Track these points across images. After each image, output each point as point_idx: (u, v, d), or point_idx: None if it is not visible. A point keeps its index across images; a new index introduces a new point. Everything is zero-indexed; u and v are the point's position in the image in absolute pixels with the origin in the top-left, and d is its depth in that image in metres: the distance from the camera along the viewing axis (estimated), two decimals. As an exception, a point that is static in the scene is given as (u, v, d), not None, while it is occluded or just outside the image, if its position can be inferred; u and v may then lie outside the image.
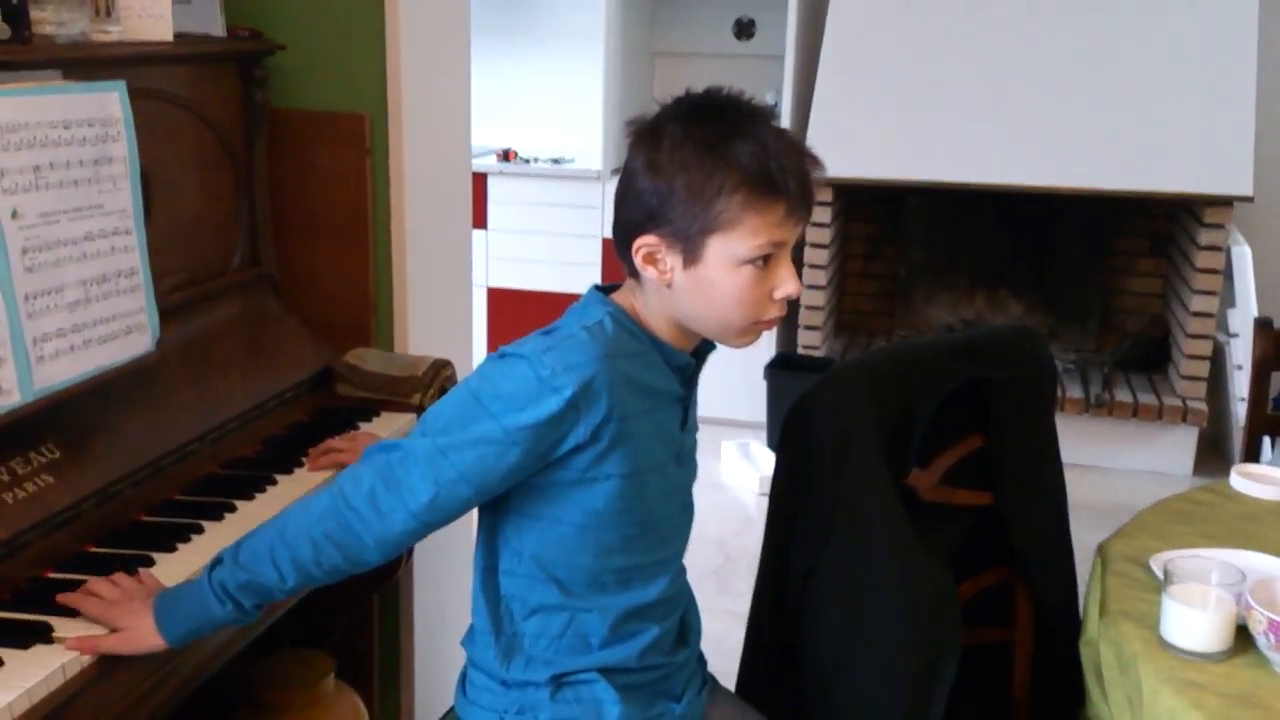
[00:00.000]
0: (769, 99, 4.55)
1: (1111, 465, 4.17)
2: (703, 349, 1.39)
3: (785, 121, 4.36)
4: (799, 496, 1.52)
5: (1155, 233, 4.46)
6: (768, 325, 1.32)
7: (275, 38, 2.01)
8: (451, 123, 2.35)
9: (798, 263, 4.26)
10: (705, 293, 1.27)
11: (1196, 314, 4.01)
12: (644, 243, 1.28)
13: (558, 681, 1.35)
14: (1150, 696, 1.28)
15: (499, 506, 1.34)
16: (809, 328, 4.33)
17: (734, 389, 4.20)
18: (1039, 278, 4.57)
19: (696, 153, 1.24)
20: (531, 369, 1.23)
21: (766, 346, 4.39)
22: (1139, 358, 4.37)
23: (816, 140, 4.12)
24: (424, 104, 2.18)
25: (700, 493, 1.45)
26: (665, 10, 4.88)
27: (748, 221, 1.24)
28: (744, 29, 4.84)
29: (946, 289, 4.65)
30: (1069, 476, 1.76)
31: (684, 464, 1.41)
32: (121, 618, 1.27)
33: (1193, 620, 1.32)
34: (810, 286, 4.29)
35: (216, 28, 1.96)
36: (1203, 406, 4.07)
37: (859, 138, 4.17)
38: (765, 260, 1.26)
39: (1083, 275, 4.50)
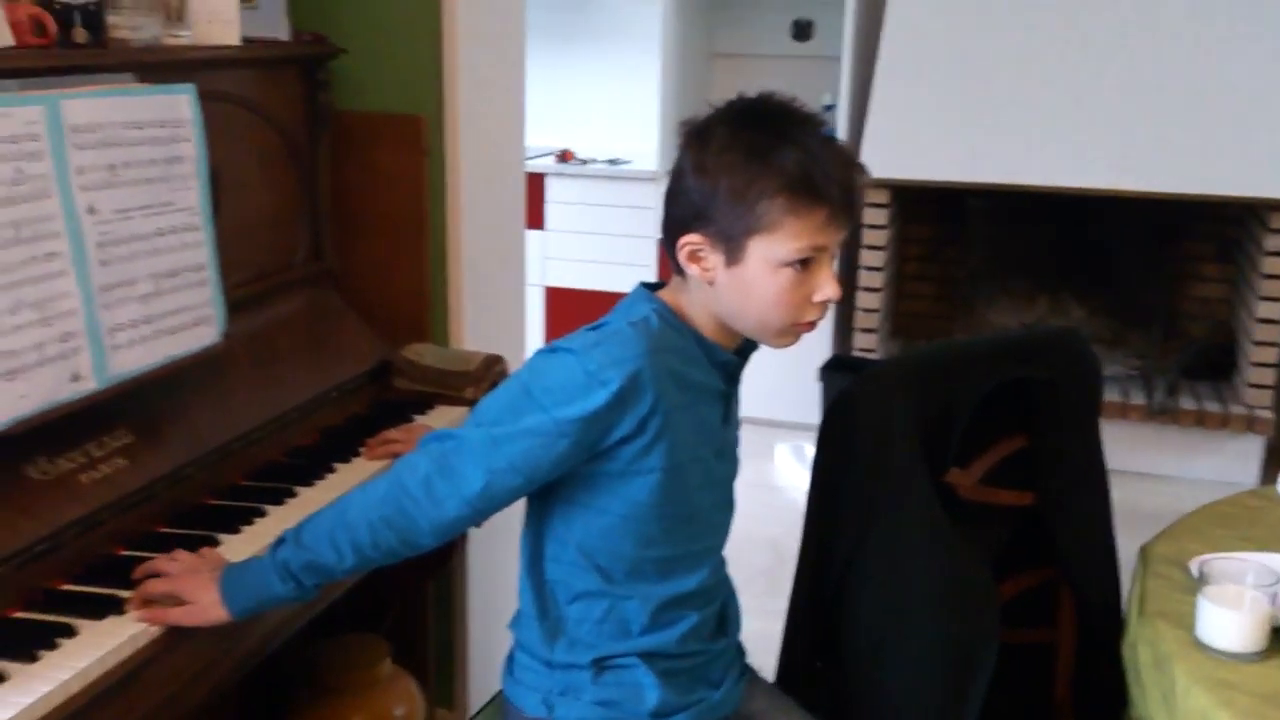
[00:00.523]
0: (826, 100, 4.58)
1: (1175, 474, 4.11)
2: (746, 347, 1.43)
3: (842, 123, 4.38)
4: (838, 490, 1.55)
5: (1222, 237, 4.39)
6: (806, 328, 1.35)
7: (338, 42, 2.07)
8: (506, 124, 2.41)
9: (853, 265, 4.29)
10: (745, 292, 1.31)
11: (1263, 320, 3.94)
12: (689, 241, 1.32)
13: (600, 665, 1.39)
14: (1183, 695, 1.30)
15: (547, 495, 1.38)
16: (864, 330, 4.34)
17: (787, 391, 4.22)
18: (1102, 282, 4.51)
19: (742, 156, 1.28)
20: (579, 363, 1.28)
21: (821, 348, 4.40)
22: (1204, 365, 4.30)
23: (873, 142, 4.16)
24: (479, 106, 2.24)
25: (753, 494, 1.49)
26: (723, 12, 4.91)
27: (788, 225, 1.27)
28: (802, 30, 4.86)
29: (1007, 293, 4.61)
30: (1131, 485, 1.77)
31: (725, 459, 1.46)
32: (189, 591, 1.34)
33: (1226, 621, 1.34)
34: (865, 289, 4.29)
35: (282, 32, 2.03)
36: (1269, 415, 4.00)
37: (916, 139, 4.17)
38: (805, 264, 1.29)
39: (1147, 280, 4.44)
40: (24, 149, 1.38)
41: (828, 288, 1.31)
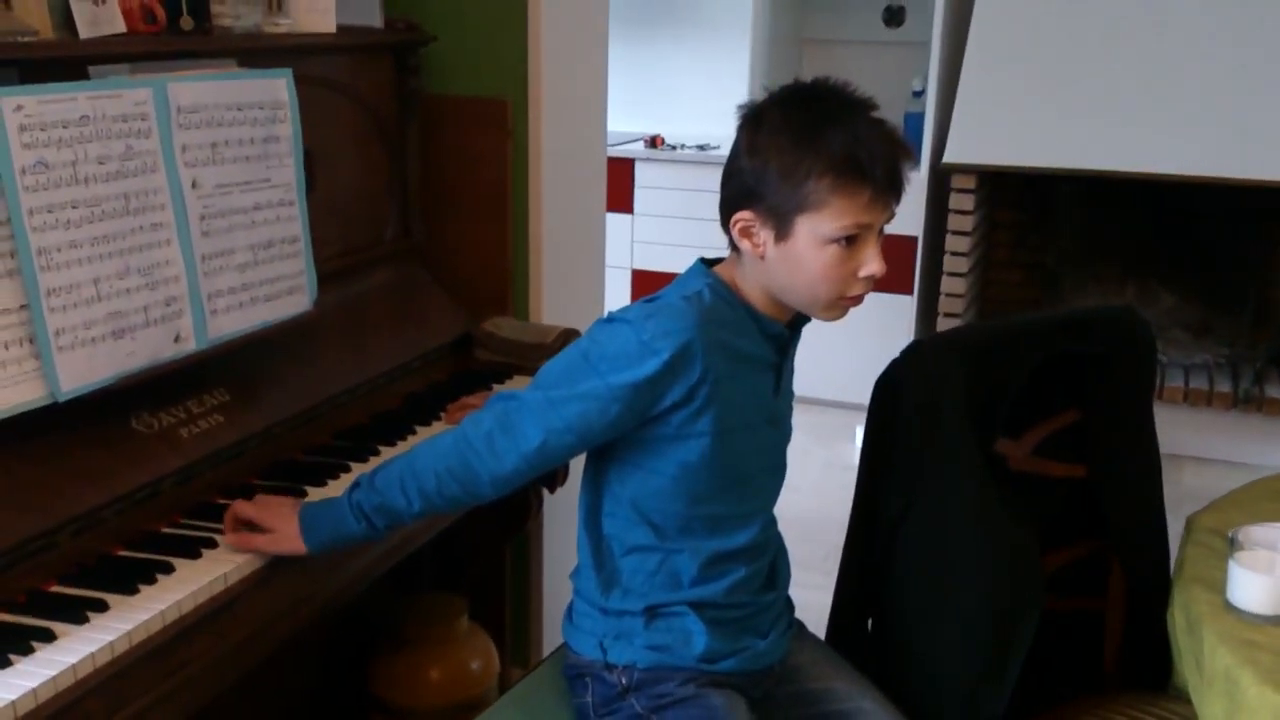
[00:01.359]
0: (915, 85, 4.59)
1: (1259, 463, 4.06)
2: (798, 320, 1.50)
3: (930, 108, 4.39)
4: (887, 458, 1.61)
5: (1316, 224, 4.32)
6: (853, 302, 1.41)
7: (428, 29, 2.18)
8: (588, 109, 2.50)
9: (939, 249, 4.30)
10: (794, 267, 1.38)
11: (1355, 309, 3.88)
12: (741, 217, 1.39)
13: (651, 612, 1.48)
14: (1209, 655, 1.34)
15: (604, 455, 1.47)
16: (948, 315, 4.35)
17: (870, 374, 4.26)
18: (1191, 269, 4.46)
19: (791, 137, 1.35)
20: (634, 333, 1.36)
21: (905, 332, 4.43)
22: (1294, 354, 4.25)
23: (961, 127, 4.17)
24: (562, 91, 2.33)
25: (833, 474, 1.56)
26: (815, -2, 4.94)
27: (834, 204, 1.34)
28: (894, 15, 4.87)
29: (1096, 278, 4.58)
30: (1214, 472, 1.80)
31: (777, 426, 1.53)
32: (272, 521, 1.45)
33: (1255, 584, 1.37)
34: (950, 274, 4.30)
35: (376, 20, 2.13)
36: (1359, 404, 3.95)
37: (1005, 124, 4.16)
38: (851, 240, 1.35)
39: (1237, 267, 4.38)
40: (133, 127, 1.51)
41: (873, 264, 1.37)
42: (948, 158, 4.20)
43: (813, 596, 1.82)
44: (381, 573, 1.70)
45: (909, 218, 4.38)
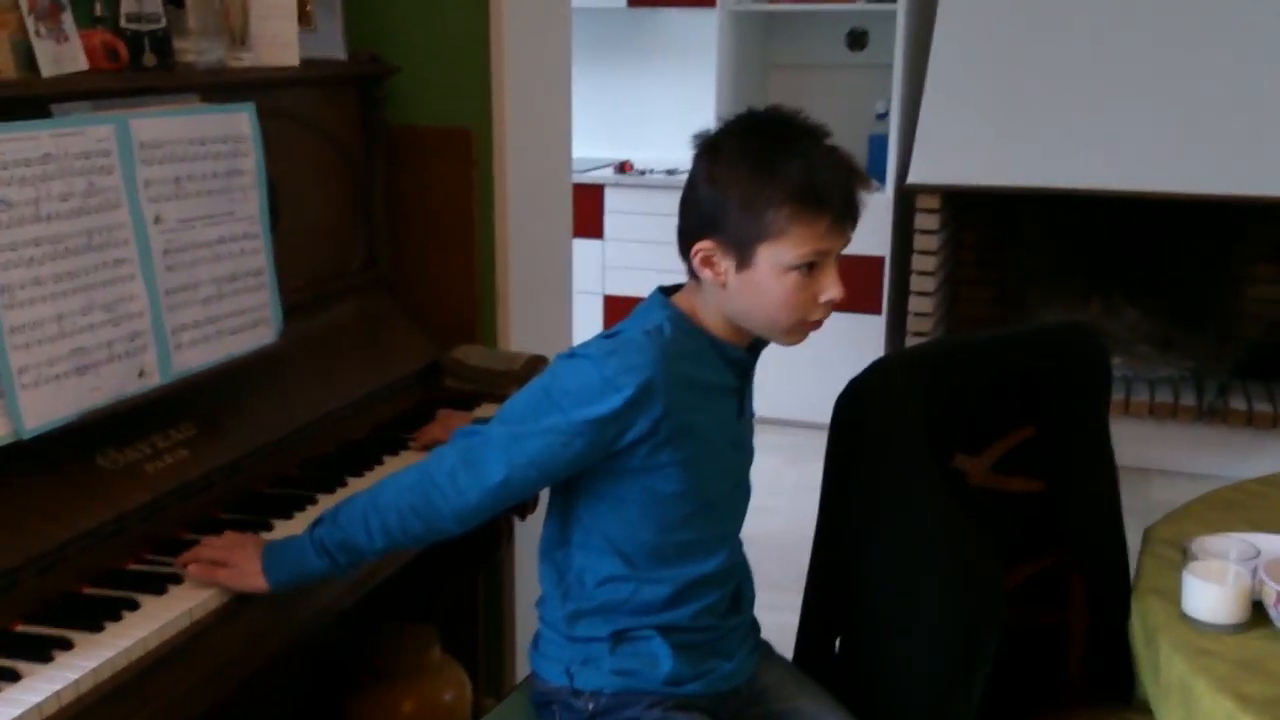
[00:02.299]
0: (879, 108, 4.64)
1: (1226, 474, 4.05)
2: (757, 344, 1.52)
3: (894, 129, 4.44)
4: (849, 475, 1.63)
5: (1276, 239, 4.38)
6: (813, 326, 1.44)
7: (392, 60, 2.20)
8: (553, 136, 2.52)
9: (905, 268, 4.35)
10: (755, 294, 1.40)
11: (1317, 321, 3.95)
12: (702, 247, 1.41)
13: (618, 637, 1.49)
14: (1165, 664, 1.37)
15: (572, 488, 1.48)
16: (917, 334, 4.39)
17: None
18: (1156, 284, 4.52)
19: (750, 167, 1.37)
20: (596, 369, 1.37)
21: (874, 351, 4.46)
22: (1259, 366, 4.30)
23: (924, 147, 4.22)
24: (526, 120, 2.35)
25: (803, 494, 1.58)
26: (780, 23, 4.99)
27: (794, 232, 1.36)
28: (857, 39, 4.92)
29: (1061, 295, 4.64)
30: (1180, 485, 1.82)
31: (740, 449, 1.54)
32: (234, 559, 1.46)
33: (1208, 594, 1.40)
34: (918, 293, 4.35)
35: (339, 52, 2.15)
36: (1322, 415, 4.00)
37: (967, 144, 4.22)
38: (811, 267, 1.38)
39: (1201, 281, 4.45)
40: (96, 164, 1.52)
41: (833, 289, 1.40)
42: (912, 178, 4.25)
43: (787, 618, 1.83)
44: (350, 604, 1.70)
45: (875, 237, 4.43)
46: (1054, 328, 1.91)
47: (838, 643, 1.74)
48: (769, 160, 1.36)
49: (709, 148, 1.42)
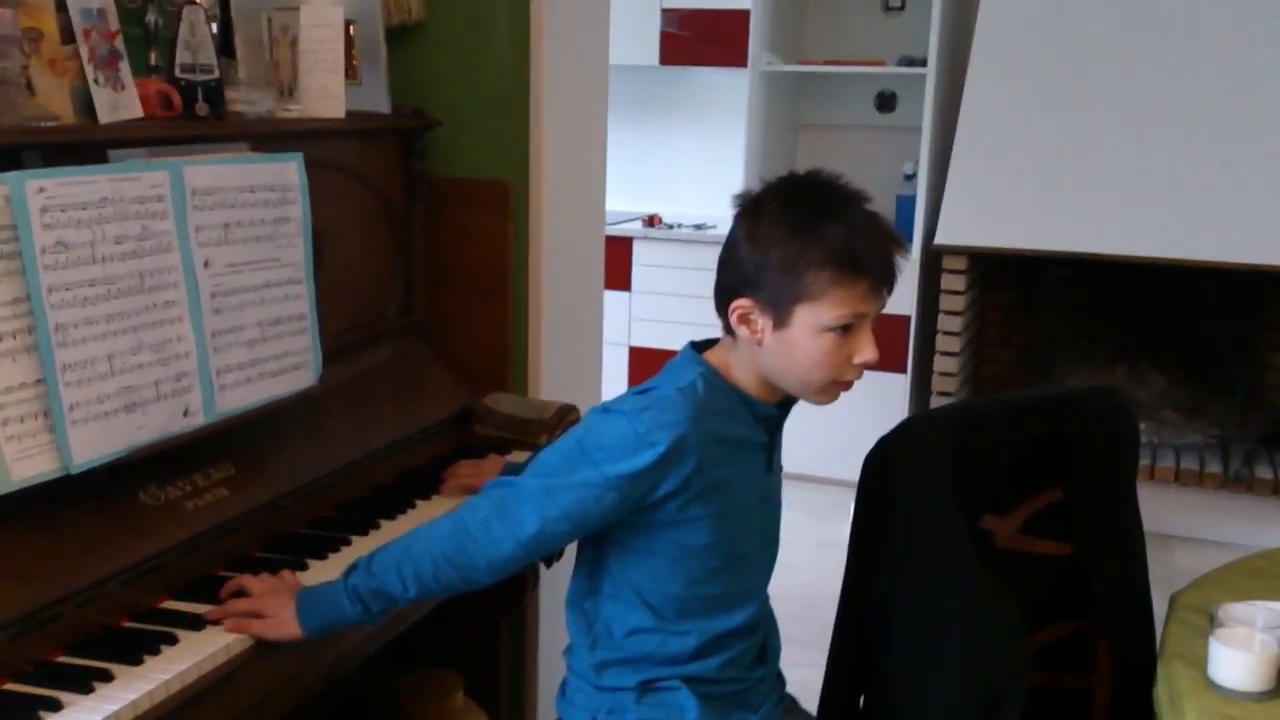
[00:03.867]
0: (907, 169, 4.69)
1: (1249, 543, 4.07)
2: (787, 400, 1.54)
3: (921, 191, 4.48)
4: (876, 534, 1.65)
5: (1304, 308, 4.39)
6: (844, 387, 1.46)
7: (434, 115, 2.25)
8: (589, 191, 2.57)
9: (931, 329, 4.37)
10: (790, 354, 1.42)
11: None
12: (739, 305, 1.43)
13: (645, 687, 1.51)
14: (1192, 730, 1.37)
15: (602, 540, 1.50)
16: (941, 393, 4.40)
17: (863, 453, 4.30)
18: (1182, 351, 4.52)
19: (791, 230, 1.40)
20: (630, 425, 1.40)
21: (899, 411, 4.47)
22: (1284, 435, 4.29)
23: (951, 209, 4.25)
24: (563, 174, 2.40)
25: (829, 553, 1.59)
26: (811, 84, 5.06)
27: (832, 294, 1.39)
28: (886, 101, 4.99)
29: (1087, 359, 4.64)
30: (1206, 552, 1.83)
31: (768, 503, 1.56)
32: (269, 608, 1.48)
33: (1235, 661, 1.41)
34: (943, 353, 4.36)
35: (383, 106, 2.21)
36: (1348, 485, 3.98)
37: (994, 207, 4.25)
38: (846, 329, 1.40)
39: (1227, 349, 4.44)
40: (150, 209, 1.57)
41: (867, 351, 1.42)
42: (939, 239, 4.28)
43: (809, 674, 1.84)
44: (378, 648, 1.72)
45: (902, 297, 4.46)
46: (1083, 391, 1.92)
47: (861, 700, 1.75)
48: (811, 223, 1.39)
49: (751, 208, 1.45)
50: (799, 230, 1.39)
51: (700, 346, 1.52)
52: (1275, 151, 4.00)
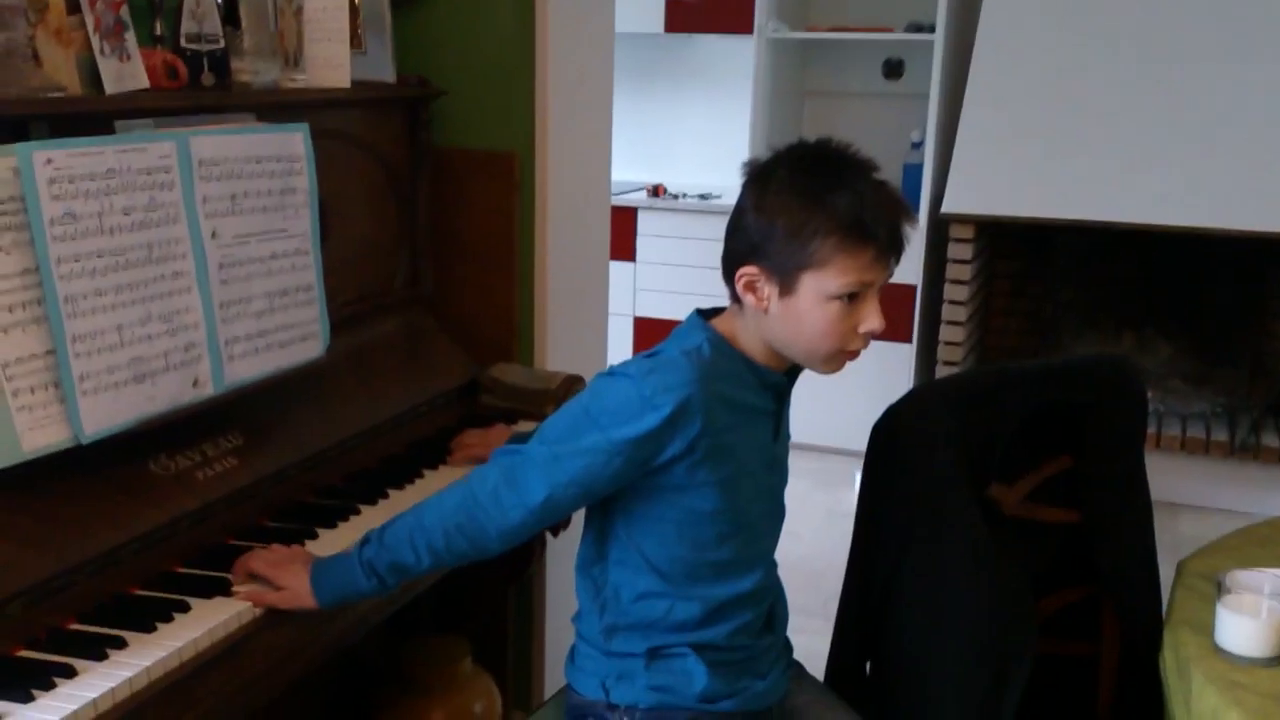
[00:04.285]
0: (914, 137, 4.67)
1: (1255, 511, 4.08)
2: (794, 369, 1.54)
3: (929, 158, 4.47)
4: (884, 502, 1.66)
5: (1312, 276, 4.38)
6: (851, 356, 1.46)
7: (439, 84, 2.25)
8: (594, 161, 2.56)
9: (937, 298, 4.36)
10: (796, 322, 1.42)
11: (1352, 359, 3.93)
12: (746, 272, 1.44)
13: (653, 653, 1.52)
14: (1198, 696, 1.38)
15: (610, 505, 1.51)
16: (948, 362, 4.39)
17: (869, 422, 4.31)
18: (1190, 319, 4.51)
19: (798, 198, 1.39)
20: (635, 388, 1.40)
21: (904, 380, 4.48)
22: (1291, 403, 4.29)
23: (959, 177, 4.24)
24: (568, 144, 2.40)
25: (835, 521, 1.60)
26: (817, 51, 5.03)
27: (839, 262, 1.38)
28: (893, 69, 4.95)
29: (1094, 328, 4.64)
30: (1211, 520, 1.83)
31: (775, 471, 1.57)
32: (284, 578, 1.49)
33: (1242, 627, 1.42)
34: (949, 322, 4.36)
35: (388, 75, 2.20)
36: (1354, 453, 3.98)
37: (1002, 175, 4.23)
38: (853, 297, 1.40)
39: (1235, 318, 4.44)
40: (157, 179, 1.57)
41: (873, 319, 1.42)
42: (946, 208, 4.27)
43: (814, 641, 1.85)
44: (388, 614, 1.73)
45: (908, 266, 4.44)
46: (1091, 360, 1.93)
47: (868, 666, 1.76)
48: (818, 191, 1.39)
49: (759, 175, 1.45)
50: (807, 198, 1.39)
51: (707, 315, 1.52)
52: (1283, 119, 3.98)
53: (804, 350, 1.45)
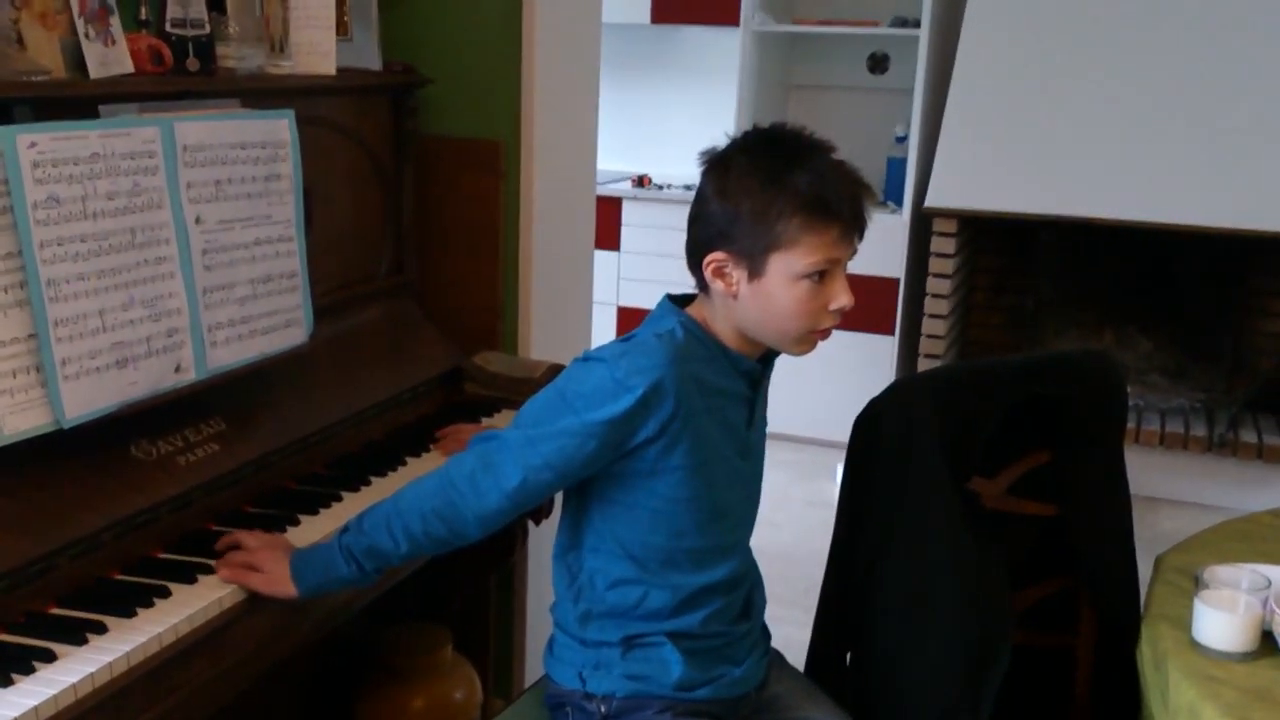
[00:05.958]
0: (899, 131, 4.68)
1: (1234, 506, 4.11)
2: (769, 355, 1.55)
3: (913, 153, 4.48)
4: (865, 494, 1.66)
5: (1290, 273, 4.41)
6: (822, 335, 1.47)
7: (425, 72, 2.24)
8: (579, 151, 2.56)
9: (919, 292, 4.38)
10: (767, 303, 1.43)
11: (1329, 356, 3.96)
12: (714, 259, 1.44)
13: (629, 642, 1.52)
14: (1174, 690, 1.40)
15: (585, 492, 1.52)
16: (929, 356, 4.41)
17: (849, 414, 4.32)
18: (1170, 315, 4.54)
19: (760, 181, 1.41)
20: (609, 371, 1.41)
21: (885, 373, 4.49)
22: (1271, 399, 4.32)
23: (942, 172, 4.25)
24: (554, 134, 2.39)
25: (813, 511, 1.61)
26: (802, 44, 5.04)
27: (805, 241, 1.40)
28: (878, 63, 4.96)
29: (1076, 324, 4.66)
30: (1189, 515, 1.85)
31: (749, 458, 1.57)
32: (265, 563, 1.49)
33: (1219, 622, 1.43)
34: (931, 315, 4.37)
35: (374, 63, 2.20)
36: (1332, 449, 4.02)
37: (986, 170, 4.25)
38: (821, 276, 1.42)
39: (1215, 314, 4.46)
40: (141, 164, 1.56)
41: (842, 296, 1.44)
42: (929, 202, 4.28)
43: (793, 632, 1.86)
44: (367, 601, 1.73)
45: (891, 259, 4.47)
46: (1072, 355, 1.94)
47: (848, 656, 1.77)
48: (779, 173, 1.40)
49: (718, 163, 1.46)
50: (769, 181, 1.40)
51: (678, 301, 1.53)
52: (1264, 117, 4.01)
53: (775, 332, 1.46)
